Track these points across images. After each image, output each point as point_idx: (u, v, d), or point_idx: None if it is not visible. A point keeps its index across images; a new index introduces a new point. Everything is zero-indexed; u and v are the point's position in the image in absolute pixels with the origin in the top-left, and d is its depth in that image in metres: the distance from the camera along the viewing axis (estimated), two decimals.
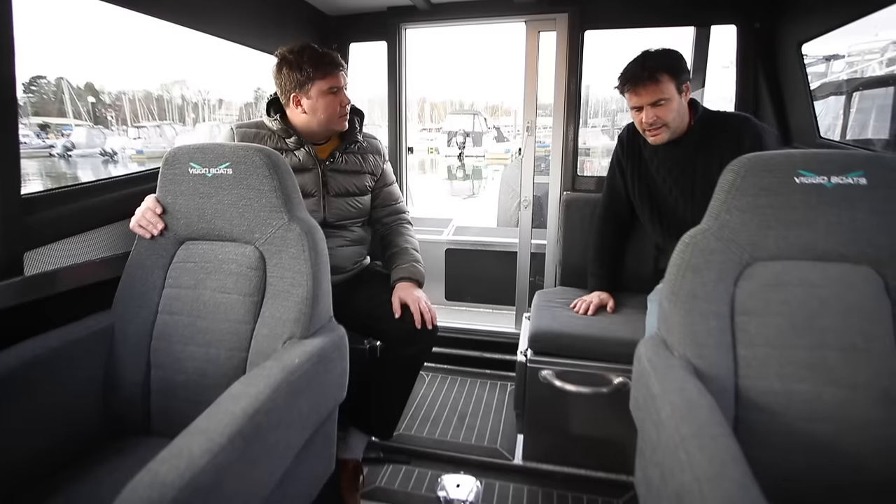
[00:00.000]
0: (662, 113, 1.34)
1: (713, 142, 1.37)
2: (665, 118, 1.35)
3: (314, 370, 0.95)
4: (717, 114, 1.41)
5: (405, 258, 1.51)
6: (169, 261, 1.12)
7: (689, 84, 1.37)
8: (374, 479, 1.51)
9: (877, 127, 3.39)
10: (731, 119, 1.38)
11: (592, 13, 1.89)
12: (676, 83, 1.33)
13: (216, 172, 1.07)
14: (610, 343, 1.40)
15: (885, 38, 7.25)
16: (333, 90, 1.35)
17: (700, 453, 0.65)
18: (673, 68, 1.33)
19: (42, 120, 31.00)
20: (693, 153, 1.40)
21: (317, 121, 1.37)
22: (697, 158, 1.39)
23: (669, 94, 1.33)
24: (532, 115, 2.06)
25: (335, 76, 1.35)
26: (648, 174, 1.52)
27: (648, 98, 1.34)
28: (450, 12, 2.00)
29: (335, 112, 1.38)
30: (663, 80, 1.32)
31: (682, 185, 1.43)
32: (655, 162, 1.49)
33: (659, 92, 1.33)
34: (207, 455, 0.64)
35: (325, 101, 1.35)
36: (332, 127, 1.40)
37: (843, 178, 0.87)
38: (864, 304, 0.87)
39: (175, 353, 1.07)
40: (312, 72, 1.32)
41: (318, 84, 1.33)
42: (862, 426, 0.84)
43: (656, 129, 1.37)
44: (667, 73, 1.32)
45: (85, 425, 1.05)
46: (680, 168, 1.43)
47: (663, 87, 1.32)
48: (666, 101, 1.33)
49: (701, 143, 1.39)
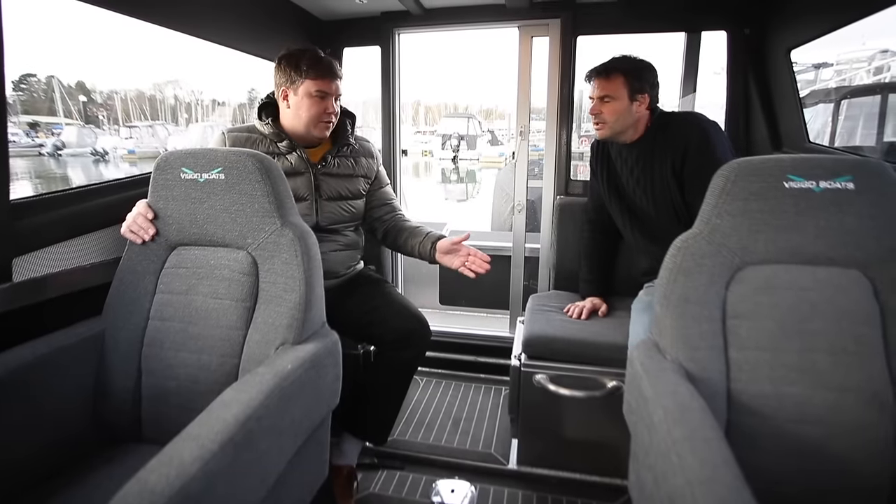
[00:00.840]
0: (605, 109, 1.43)
1: (665, 140, 1.42)
2: (605, 115, 1.44)
3: (307, 376, 0.94)
4: (669, 114, 1.47)
5: (425, 229, 1.54)
6: (160, 266, 1.11)
7: (648, 97, 1.42)
8: (368, 485, 1.50)
9: (864, 134, 3.45)
10: (680, 118, 1.45)
11: (585, 19, 1.90)
12: (629, 88, 1.40)
13: (208, 177, 1.07)
14: (603, 347, 1.41)
15: (873, 47, 7.37)
16: (320, 94, 1.35)
17: (692, 457, 0.65)
18: (631, 73, 1.40)
19: (32, 118, 30.63)
20: (650, 152, 1.45)
21: (299, 121, 1.37)
22: (654, 157, 1.44)
23: (617, 95, 1.41)
24: (525, 119, 2.07)
25: (326, 81, 1.35)
26: (616, 176, 1.57)
27: (598, 91, 1.44)
28: (443, 17, 2.01)
29: (316, 116, 1.36)
30: (615, 80, 1.41)
31: (644, 184, 1.47)
32: (620, 163, 1.54)
33: (607, 88, 1.42)
34: (198, 462, 0.64)
35: (309, 102, 1.35)
36: (311, 131, 1.38)
37: (832, 182, 0.88)
38: (854, 308, 0.88)
39: (167, 359, 1.05)
40: (306, 70, 1.33)
41: (307, 83, 1.33)
42: (852, 429, 0.84)
43: (597, 122, 1.47)
44: (622, 76, 1.40)
45: (75, 433, 1.03)
46: (640, 167, 1.47)
47: (613, 86, 1.41)
48: (611, 99, 1.42)
49: (655, 143, 1.44)
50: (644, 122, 1.46)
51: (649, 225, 1.50)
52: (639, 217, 1.53)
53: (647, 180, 1.46)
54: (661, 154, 1.42)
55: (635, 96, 1.40)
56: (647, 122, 1.46)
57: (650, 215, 1.47)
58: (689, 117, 1.44)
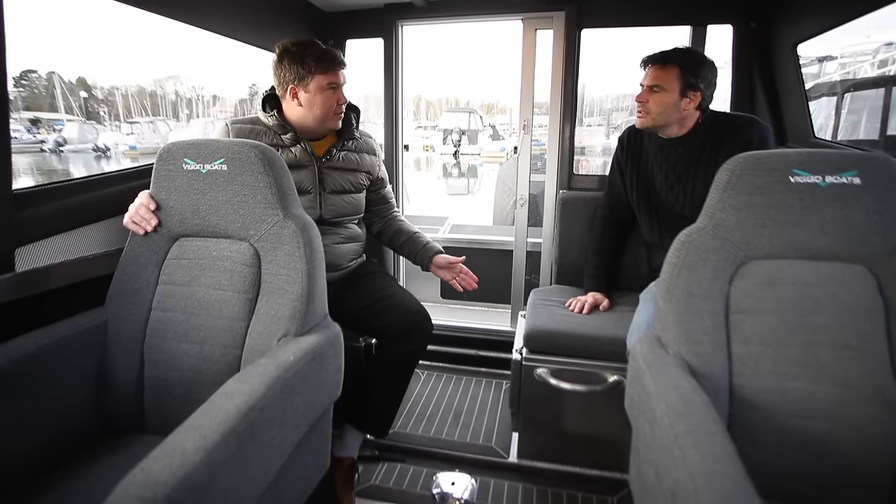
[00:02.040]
0: (652, 98, 1.39)
1: (718, 142, 1.38)
2: (652, 105, 1.39)
3: (309, 367, 0.94)
4: (722, 115, 1.43)
5: (424, 238, 1.64)
6: (163, 257, 1.11)
7: (701, 96, 1.37)
8: (369, 477, 1.51)
9: (868, 128, 3.43)
10: (737, 120, 1.39)
11: (589, 11, 1.89)
12: (682, 81, 1.35)
13: (211, 168, 1.06)
14: (605, 341, 1.41)
15: (877, 40, 7.34)
16: (332, 86, 1.35)
17: (694, 451, 0.65)
18: (688, 67, 1.35)
19: (33, 115, 30.61)
20: (697, 153, 1.41)
21: (312, 116, 1.37)
22: (701, 158, 1.40)
23: (667, 86, 1.36)
24: (528, 113, 2.06)
25: (335, 73, 1.35)
26: (648, 173, 1.53)
27: (650, 79, 1.40)
28: (447, 9, 2.00)
29: (331, 108, 1.37)
30: (670, 70, 1.36)
31: (684, 182, 1.43)
32: (659, 159, 1.49)
33: (659, 78, 1.37)
34: (201, 453, 0.64)
35: (323, 97, 1.35)
36: (326, 124, 1.40)
37: (838, 177, 0.88)
38: (858, 303, 0.88)
39: (169, 350, 1.06)
40: (314, 65, 1.32)
41: (317, 78, 1.33)
42: (855, 424, 0.84)
43: (641, 110, 1.43)
44: (677, 67, 1.35)
45: (78, 423, 1.04)
46: (683, 165, 1.44)
47: (666, 77, 1.36)
48: (660, 90, 1.37)
49: (705, 143, 1.40)
50: (692, 119, 1.41)
51: (679, 224, 1.46)
52: (667, 215, 1.49)
53: (690, 180, 1.42)
54: (711, 155, 1.38)
55: (687, 92, 1.35)
56: (697, 120, 1.41)
57: (683, 215, 1.42)
58: (751, 121, 1.38)
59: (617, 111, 29.47)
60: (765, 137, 1.33)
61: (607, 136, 21.26)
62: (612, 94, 7.31)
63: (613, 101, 33.10)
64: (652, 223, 1.54)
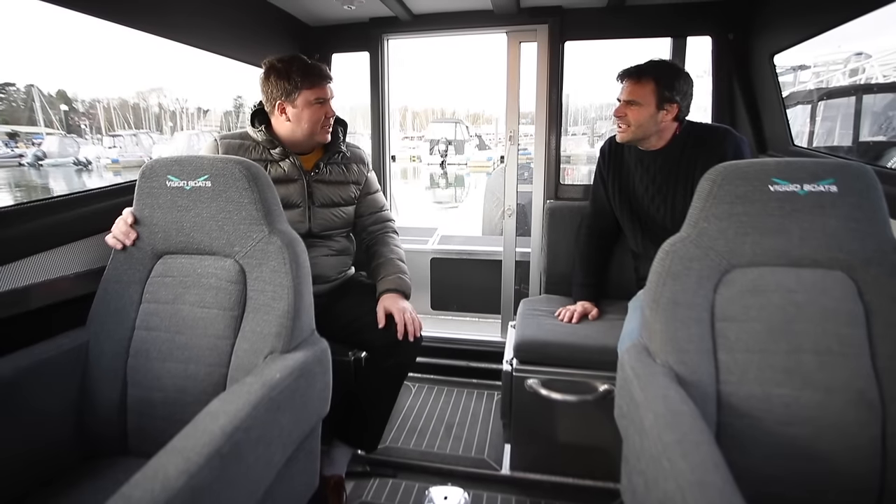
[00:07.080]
0: (630, 112, 1.40)
1: (696, 154, 1.40)
2: (630, 119, 1.41)
3: (296, 385, 0.93)
4: (699, 126, 1.45)
5: (391, 269, 1.49)
6: (146, 275, 1.09)
7: (678, 107, 1.39)
8: (360, 494, 1.48)
9: (842, 134, 3.53)
10: (713, 132, 1.42)
11: (572, 25, 1.92)
12: (658, 95, 1.37)
13: (195, 185, 1.05)
14: (595, 351, 1.41)
15: (848, 50, 7.63)
16: (320, 101, 1.36)
17: (683, 461, 0.66)
18: (662, 81, 1.36)
19: (10, 129, 30.08)
20: (676, 165, 1.43)
21: (301, 130, 1.37)
22: (679, 170, 1.42)
23: (643, 100, 1.38)
24: (514, 124, 2.08)
25: (322, 87, 1.35)
26: (630, 185, 1.55)
27: (626, 94, 1.41)
28: (432, 23, 2.02)
29: (319, 122, 1.37)
30: (646, 85, 1.37)
31: (664, 194, 1.45)
32: (639, 171, 1.51)
33: (635, 93, 1.39)
34: (184, 476, 0.62)
35: (311, 111, 1.35)
36: (315, 138, 1.40)
37: (815, 185, 0.89)
38: (839, 308, 0.89)
39: (153, 370, 1.03)
40: (300, 81, 1.32)
41: (304, 93, 1.33)
42: (840, 429, 0.85)
43: (621, 125, 1.44)
44: (653, 81, 1.36)
45: (59, 446, 1.01)
46: (663, 176, 1.46)
47: (641, 92, 1.38)
48: (637, 104, 1.38)
49: (683, 155, 1.42)
50: (670, 131, 1.43)
51: (662, 234, 1.49)
52: (650, 226, 1.51)
53: (669, 191, 1.44)
54: (689, 166, 1.40)
55: (663, 105, 1.37)
56: (675, 132, 1.43)
57: (664, 226, 1.44)
58: (725, 132, 1.39)
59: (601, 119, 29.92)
60: (739, 148, 1.36)
61: (591, 145, 21.53)
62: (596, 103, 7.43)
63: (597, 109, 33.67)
64: (636, 233, 1.56)
